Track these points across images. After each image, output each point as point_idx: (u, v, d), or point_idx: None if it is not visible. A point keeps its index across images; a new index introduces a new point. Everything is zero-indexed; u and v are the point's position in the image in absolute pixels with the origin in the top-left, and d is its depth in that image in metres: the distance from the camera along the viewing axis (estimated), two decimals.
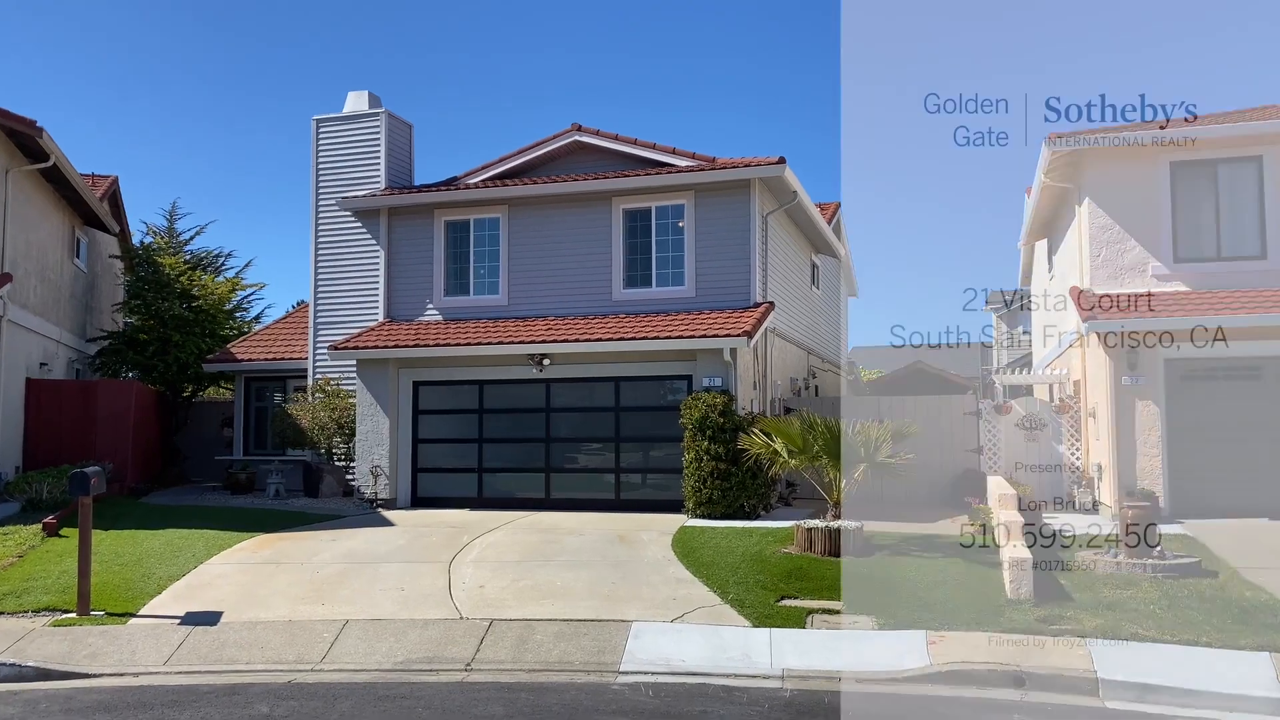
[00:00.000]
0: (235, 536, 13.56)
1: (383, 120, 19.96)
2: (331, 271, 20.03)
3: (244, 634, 9.21)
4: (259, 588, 10.79)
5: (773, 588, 10.32)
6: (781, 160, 17.04)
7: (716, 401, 15.36)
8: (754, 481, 15.15)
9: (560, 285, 18.39)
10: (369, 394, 17.75)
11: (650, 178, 17.77)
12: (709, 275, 17.60)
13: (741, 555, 11.77)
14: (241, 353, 21.67)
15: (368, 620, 9.52)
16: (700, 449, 15.22)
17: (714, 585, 10.46)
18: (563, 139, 19.16)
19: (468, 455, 17.77)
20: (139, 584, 10.91)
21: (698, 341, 15.81)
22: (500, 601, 10.07)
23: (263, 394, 21.88)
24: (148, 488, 20.05)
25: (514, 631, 9.12)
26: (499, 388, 17.66)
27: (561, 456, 17.38)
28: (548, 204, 18.60)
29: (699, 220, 17.73)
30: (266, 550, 12.79)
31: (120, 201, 25.84)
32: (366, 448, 17.67)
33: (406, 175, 20.60)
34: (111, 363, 22.63)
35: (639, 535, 13.53)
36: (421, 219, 19.33)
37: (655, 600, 10.02)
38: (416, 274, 19.30)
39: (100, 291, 24.56)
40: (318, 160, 20.33)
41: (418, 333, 18.11)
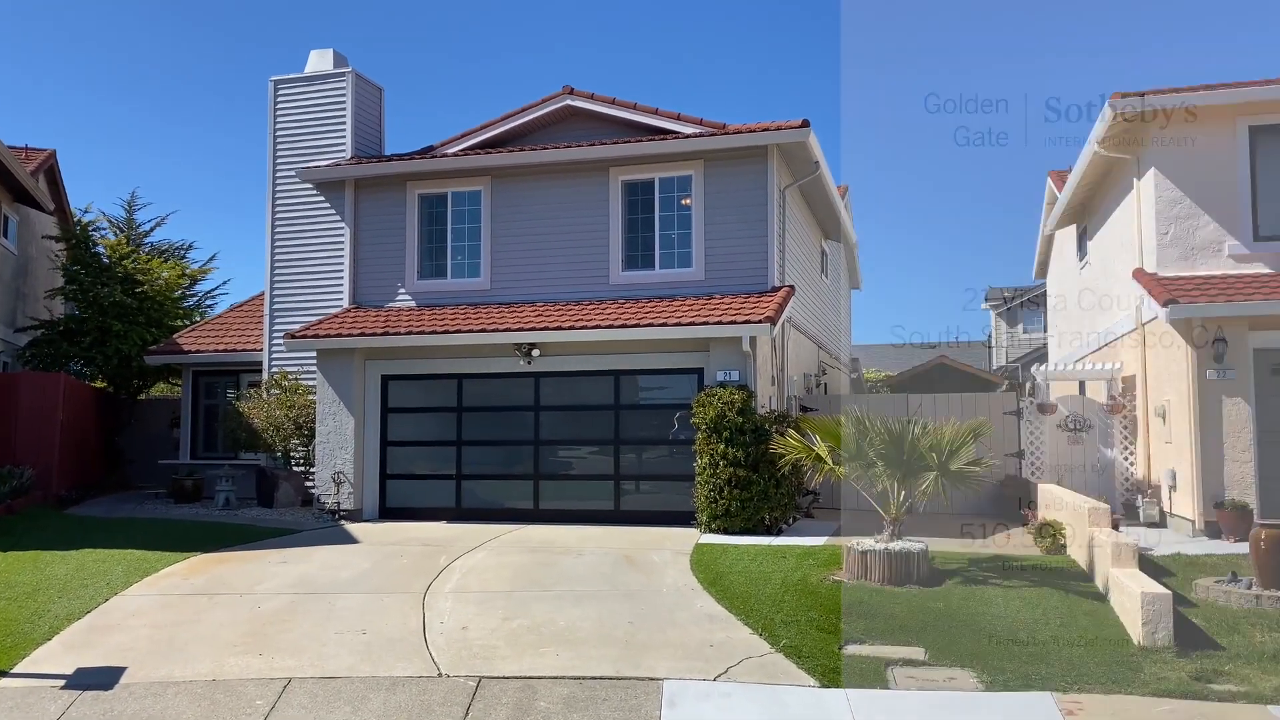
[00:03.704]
0: (165, 558, 11.28)
1: (349, 81, 17.70)
2: (290, 252, 17.73)
3: (146, 704, 6.93)
4: (182, 630, 8.53)
5: (831, 629, 8.22)
6: (805, 124, 14.96)
7: (734, 398, 13.27)
8: (778, 491, 13.08)
9: (551, 267, 16.20)
10: (331, 390, 15.48)
11: (653, 144, 15.63)
12: (720, 256, 15.49)
13: (781, 584, 9.65)
14: (189, 343, 19.29)
15: (317, 680, 7.29)
16: (715, 453, 13.12)
17: (757, 626, 8.33)
18: (553, 103, 16.98)
19: (444, 460, 15.52)
20: (24, 626, 8.58)
21: (712, 329, 13.68)
22: (489, 650, 7.88)
23: (213, 390, 19.52)
24: (79, 496, 17.66)
25: (510, 697, 6.92)
26: (481, 383, 15.42)
27: (552, 461, 15.17)
28: (536, 175, 16.41)
29: (708, 193, 15.61)
30: (200, 576, 10.52)
31: (59, 178, 23.35)
32: (328, 451, 15.40)
33: (376, 144, 18.34)
34: (43, 354, 20.18)
35: (649, 555, 11.39)
36: (392, 192, 17.07)
37: (687, 647, 7.88)
38: (386, 254, 17.04)
39: (34, 277, 22.06)
40: (275, 127, 18.04)
41: (387, 319, 15.85)
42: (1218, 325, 12.54)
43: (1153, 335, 14.25)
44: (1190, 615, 8.30)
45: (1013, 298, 42.57)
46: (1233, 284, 13.02)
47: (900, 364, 36.85)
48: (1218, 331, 12.50)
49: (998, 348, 42.01)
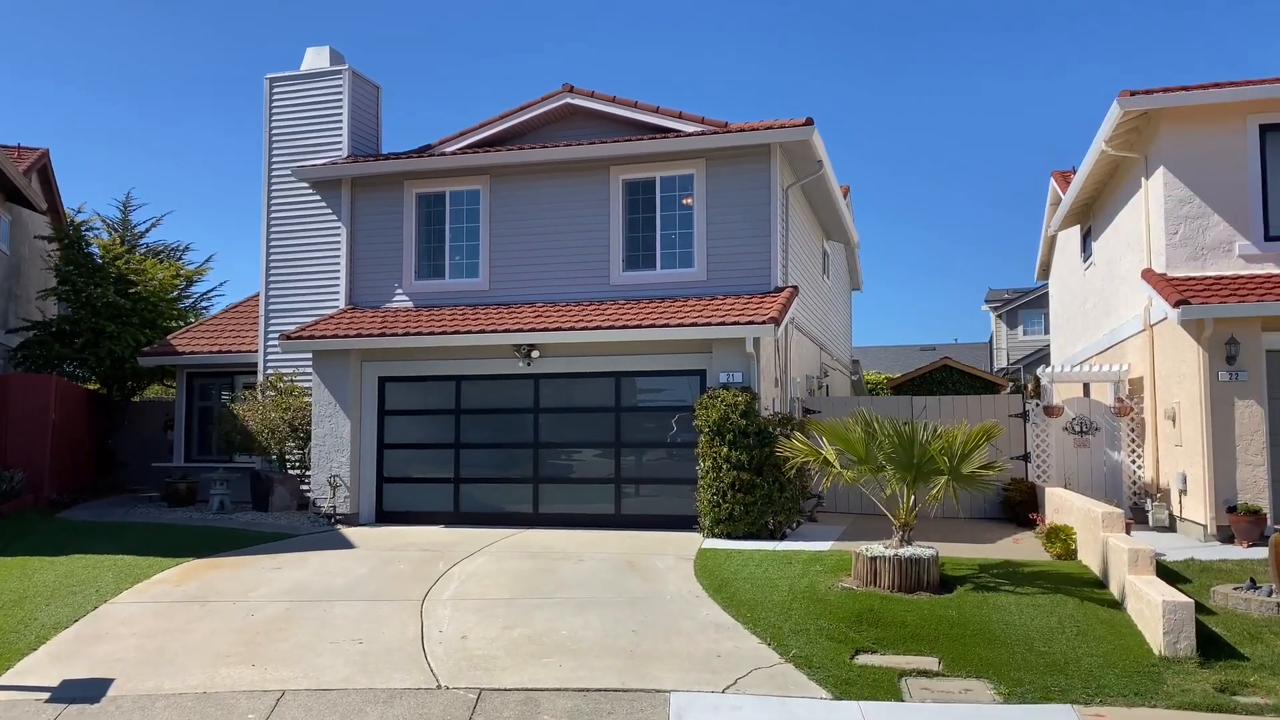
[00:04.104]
0: (157, 564, 11.02)
1: (346, 79, 17.45)
2: (286, 252, 17.47)
3: (134, 717, 6.66)
4: (173, 639, 8.28)
5: (842, 638, 7.98)
6: (809, 122, 14.73)
7: (737, 400, 13.04)
8: (781, 495, 12.85)
9: (550, 267, 15.96)
10: (327, 391, 15.22)
11: (655, 142, 15.39)
12: (722, 256, 15.25)
13: (788, 591, 9.41)
14: (183, 345, 19.03)
15: (311, 692, 7.04)
16: (719, 456, 12.89)
17: (765, 634, 8.09)
18: (552, 101, 16.74)
19: (442, 463, 15.26)
20: (10, 636, 8.31)
21: (715, 329, 13.44)
22: (490, 660, 7.64)
23: (208, 392, 19.27)
24: (71, 499, 17.39)
25: (512, 710, 6.68)
26: (479, 384, 15.18)
27: (552, 464, 14.92)
28: (536, 173, 16.17)
29: (710, 193, 15.38)
30: (193, 583, 10.27)
31: (52, 178, 23.08)
32: (324, 454, 15.14)
33: (373, 143, 18.10)
34: (35, 356, 19.91)
35: (651, 561, 11.15)
36: (390, 191, 16.83)
37: (694, 657, 7.64)
38: (384, 254, 16.80)
39: (26, 277, 21.80)
40: (271, 125, 17.78)
41: (385, 320, 15.60)
42: (1230, 326, 12.33)
43: (1162, 336, 14.05)
44: (1210, 624, 8.08)
45: (1012, 299, 42.39)
46: (1244, 284, 12.82)
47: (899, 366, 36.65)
48: (1230, 333, 12.29)
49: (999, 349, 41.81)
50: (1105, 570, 9.56)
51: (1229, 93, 13.43)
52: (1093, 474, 15.79)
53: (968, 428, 9.66)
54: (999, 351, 41.54)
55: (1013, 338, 41.68)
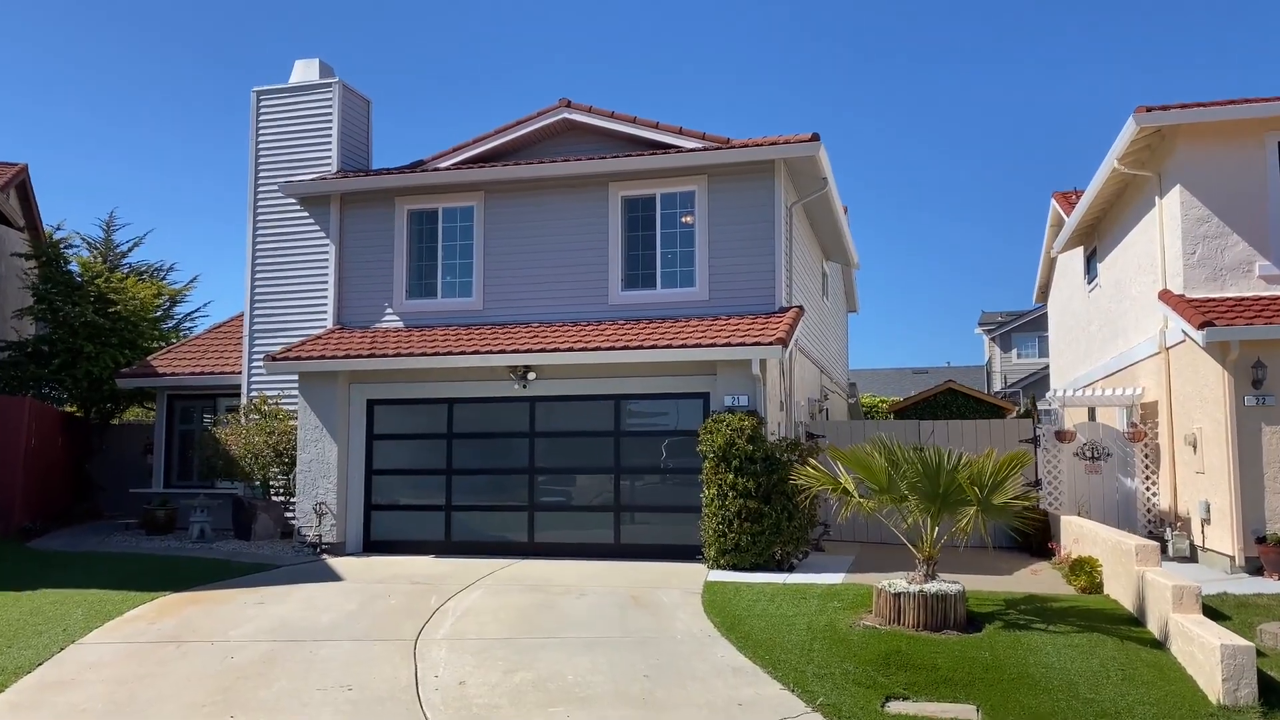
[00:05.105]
0: (131, 598, 10.35)
1: (336, 92, 16.94)
2: (272, 270, 16.87)
3: None
4: (145, 686, 7.62)
5: (870, 683, 7.40)
6: (814, 137, 14.29)
7: (743, 425, 12.49)
8: (790, 524, 12.29)
9: (547, 286, 15.42)
10: (313, 415, 14.60)
11: (656, 158, 14.91)
12: (725, 275, 14.76)
13: (806, 629, 8.84)
14: (164, 365, 18.36)
15: None
16: (724, 483, 12.33)
17: (787, 679, 7.51)
18: (549, 116, 16.25)
19: (434, 490, 14.64)
20: None
21: (720, 350, 12.92)
22: (492, 710, 7.02)
23: (189, 415, 18.58)
24: (45, 527, 16.67)
25: None
26: (473, 408, 14.58)
27: (549, 491, 14.31)
28: (532, 190, 15.66)
29: (713, 210, 14.90)
30: (169, 620, 9.61)
31: (31, 194, 22.42)
32: (310, 480, 14.49)
33: (363, 158, 17.57)
34: (8, 377, 19.20)
35: (657, 595, 10.56)
36: (380, 207, 16.28)
37: (713, 706, 7.04)
38: (374, 273, 16.23)
39: (2, 295, 21.12)
40: (257, 140, 17.23)
41: (374, 341, 15.01)
42: (1256, 349, 11.89)
43: (1179, 359, 13.61)
44: (1263, 666, 7.54)
45: (1006, 322, 42.10)
46: (1268, 306, 12.40)
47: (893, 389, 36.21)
48: (1256, 355, 11.85)
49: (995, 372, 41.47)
50: (1141, 607, 9.03)
51: (1247, 109, 13.08)
52: (1105, 501, 15.31)
53: (996, 455, 9.14)
54: (996, 374, 41.21)
55: (1006, 360, 41.36)
